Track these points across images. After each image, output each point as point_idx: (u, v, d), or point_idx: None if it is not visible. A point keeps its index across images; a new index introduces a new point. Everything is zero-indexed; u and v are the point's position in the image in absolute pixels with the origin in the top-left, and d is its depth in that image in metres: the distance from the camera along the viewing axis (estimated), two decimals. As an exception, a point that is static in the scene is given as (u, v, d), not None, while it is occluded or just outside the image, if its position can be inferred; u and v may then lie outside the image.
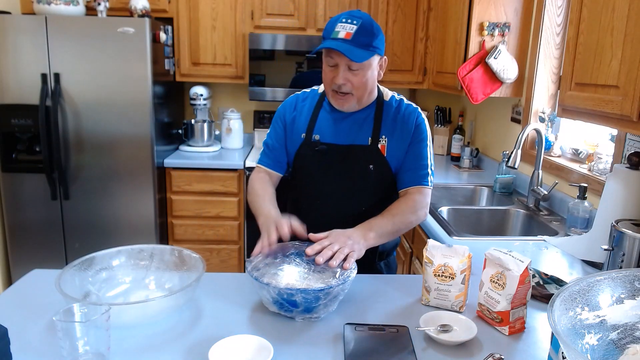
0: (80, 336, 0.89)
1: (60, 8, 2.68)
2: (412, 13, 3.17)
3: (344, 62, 1.32)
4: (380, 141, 1.44)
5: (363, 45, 1.31)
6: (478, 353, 1.02)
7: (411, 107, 1.49)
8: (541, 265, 1.56)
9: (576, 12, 1.51)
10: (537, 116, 2.48)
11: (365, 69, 1.35)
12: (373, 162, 1.44)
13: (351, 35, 1.30)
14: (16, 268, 2.89)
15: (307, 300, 1.07)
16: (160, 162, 2.95)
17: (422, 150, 1.46)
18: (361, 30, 1.30)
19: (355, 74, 1.35)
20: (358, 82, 1.36)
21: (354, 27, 1.30)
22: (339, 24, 1.32)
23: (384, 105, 1.47)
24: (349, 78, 1.35)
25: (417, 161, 1.46)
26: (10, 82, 2.66)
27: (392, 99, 1.50)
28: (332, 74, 1.36)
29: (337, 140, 1.45)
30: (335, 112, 1.47)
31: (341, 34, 1.30)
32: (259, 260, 1.22)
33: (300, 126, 1.50)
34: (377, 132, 1.44)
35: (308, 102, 1.53)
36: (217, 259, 3.15)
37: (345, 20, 1.32)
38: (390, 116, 1.46)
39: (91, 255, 1.21)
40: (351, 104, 1.41)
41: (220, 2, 3.08)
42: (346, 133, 1.45)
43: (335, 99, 1.41)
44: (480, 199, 2.63)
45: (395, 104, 1.48)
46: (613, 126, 1.39)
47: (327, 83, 1.40)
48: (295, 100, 1.56)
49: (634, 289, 0.82)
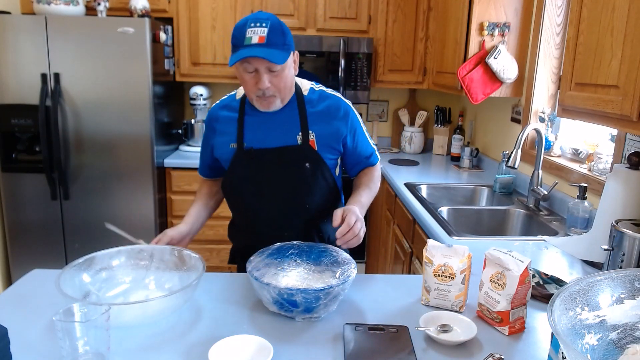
0: (80, 336, 0.89)
1: (60, 8, 2.68)
2: (412, 13, 3.17)
3: (263, 66, 1.29)
4: (309, 136, 1.43)
5: (279, 45, 1.28)
6: (478, 353, 1.02)
7: (333, 97, 1.48)
8: (541, 265, 1.56)
9: (576, 12, 1.51)
10: (537, 116, 2.48)
11: (284, 68, 1.33)
12: (308, 159, 1.43)
13: (264, 38, 1.26)
14: (16, 268, 2.89)
15: (308, 300, 1.07)
16: (160, 162, 2.95)
17: (361, 137, 1.52)
18: (273, 31, 1.27)
19: (277, 75, 1.32)
20: (280, 82, 1.34)
21: (264, 29, 1.26)
22: (248, 30, 1.27)
23: (304, 100, 1.45)
24: (271, 81, 1.33)
25: (362, 151, 1.53)
26: (10, 82, 2.66)
27: (311, 91, 1.48)
28: (254, 80, 1.32)
29: (268, 144, 1.43)
30: (260, 115, 1.44)
31: (254, 39, 1.26)
32: (259, 260, 1.22)
33: (228, 136, 1.47)
34: (304, 128, 1.43)
35: (228, 112, 1.49)
36: (217, 259, 3.15)
37: (254, 24, 1.27)
38: (313, 109, 1.45)
39: (91, 255, 1.21)
40: (277, 104, 1.39)
41: (220, 2, 3.08)
42: (275, 135, 1.43)
43: (260, 103, 1.38)
44: (480, 199, 2.63)
45: (315, 97, 1.47)
46: (613, 126, 1.39)
47: (249, 90, 1.36)
48: (215, 113, 1.52)
49: (634, 289, 0.82)
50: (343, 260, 1.22)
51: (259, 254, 1.24)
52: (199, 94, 3.29)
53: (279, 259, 1.25)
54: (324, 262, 1.25)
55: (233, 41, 1.31)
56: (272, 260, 1.24)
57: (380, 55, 3.22)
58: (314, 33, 3.16)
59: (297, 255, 1.27)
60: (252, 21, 1.28)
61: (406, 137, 3.54)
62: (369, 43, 3.12)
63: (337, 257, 1.25)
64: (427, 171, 3.02)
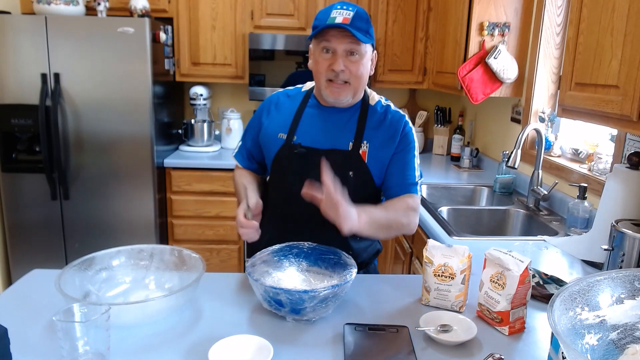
0: (80, 336, 0.89)
1: (60, 8, 2.68)
2: (412, 13, 3.17)
3: (342, 47, 1.27)
4: (361, 146, 1.37)
5: (362, 30, 1.26)
6: (478, 353, 1.02)
7: (398, 115, 1.42)
8: (541, 265, 1.56)
9: (576, 12, 1.51)
10: (537, 116, 2.48)
11: (363, 57, 1.30)
12: (353, 168, 1.36)
13: (349, 20, 1.24)
14: (16, 268, 2.89)
15: (292, 301, 1.05)
16: (160, 162, 2.95)
17: (410, 160, 1.40)
18: (358, 17, 1.26)
19: (354, 61, 1.29)
20: (356, 70, 1.30)
21: (350, 13, 1.25)
22: (334, 10, 1.27)
23: (368, 109, 1.41)
24: (347, 65, 1.29)
25: (404, 171, 1.39)
26: (10, 82, 2.66)
27: (379, 104, 1.43)
28: (329, 61, 1.29)
29: (317, 144, 1.38)
30: (320, 109, 1.40)
31: (338, 19, 1.24)
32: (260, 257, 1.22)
33: (279, 126, 1.43)
34: (359, 136, 1.37)
35: (290, 102, 1.46)
36: (217, 259, 3.15)
37: (340, 7, 1.27)
38: (374, 121, 1.40)
39: (91, 255, 1.21)
40: (347, 95, 1.34)
41: (220, 2, 3.08)
42: (327, 135, 1.38)
43: (330, 89, 1.32)
44: (480, 199, 2.63)
45: (381, 110, 1.42)
46: (613, 126, 1.39)
47: (321, 72, 1.31)
48: (277, 98, 1.49)
49: (634, 289, 0.82)
50: (344, 265, 1.20)
51: (262, 251, 1.24)
52: (199, 94, 3.28)
53: (278, 258, 1.25)
54: (324, 265, 1.24)
55: (315, 22, 1.29)
56: (271, 259, 1.24)
57: (380, 55, 3.22)
58: (314, 33, 3.15)
59: (298, 255, 1.27)
60: (338, 5, 1.28)
61: (406, 137, 3.54)
62: (369, 43, 3.12)
63: (339, 261, 1.23)
64: (427, 171, 3.02)
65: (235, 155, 1.57)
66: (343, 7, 1.27)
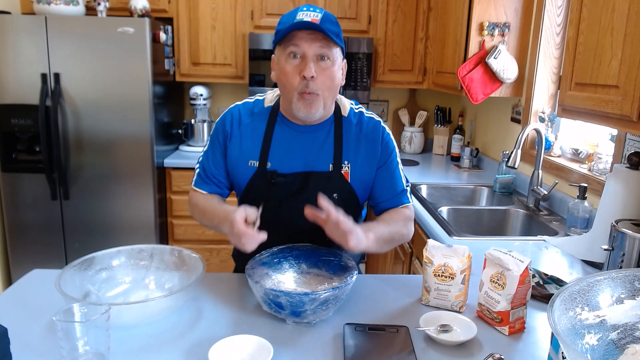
0: (80, 336, 0.89)
1: (60, 8, 2.68)
2: (412, 13, 3.17)
3: (312, 50, 1.16)
4: (342, 167, 1.29)
5: (333, 33, 1.16)
6: (478, 353, 1.02)
7: (373, 121, 1.34)
8: (541, 265, 1.56)
9: (576, 12, 1.51)
10: (537, 116, 2.48)
11: (334, 64, 1.20)
12: (337, 190, 1.29)
13: (318, 20, 1.14)
14: (16, 268, 2.89)
15: (292, 304, 1.04)
16: (160, 162, 2.95)
17: (395, 170, 1.35)
18: (327, 18, 1.16)
19: (325, 67, 1.18)
20: (327, 80, 1.19)
21: (318, 14, 1.15)
22: (299, 12, 1.16)
23: (342, 122, 1.31)
24: (318, 73, 1.17)
25: (392, 183, 1.34)
26: (10, 82, 2.66)
27: (351, 112, 1.34)
28: (299, 67, 1.17)
29: (294, 168, 1.28)
30: (292, 128, 1.29)
31: (306, 19, 1.14)
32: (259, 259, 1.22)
33: (248, 152, 1.30)
34: (338, 156, 1.29)
35: (255, 121, 1.32)
36: (217, 259, 3.15)
37: (307, 9, 1.16)
38: (352, 135, 1.31)
39: (91, 255, 1.20)
40: (319, 108, 1.21)
41: (220, 2, 3.08)
42: (304, 158, 1.29)
43: (302, 101, 1.20)
44: (480, 199, 2.63)
45: (355, 119, 1.33)
46: (613, 126, 1.39)
47: (290, 83, 1.19)
48: (239, 117, 1.33)
49: (634, 289, 0.82)
50: (344, 268, 1.20)
51: (260, 253, 1.24)
52: (199, 94, 3.28)
53: (277, 260, 1.25)
54: (324, 267, 1.24)
55: (278, 27, 1.19)
56: (271, 260, 1.24)
57: (380, 55, 3.23)
58: (314, 33, 3.15)
59: (298, 257, 1.27)
60: (304, 7, 1.18)
61: (406, 137, 3.54)
62: (369, 43, 3.12)
63: (340, 263, 1.23)
64: (427, 171, 3.02)
65: (196, 184, 1.37)
66: (310, 9, 1.17)
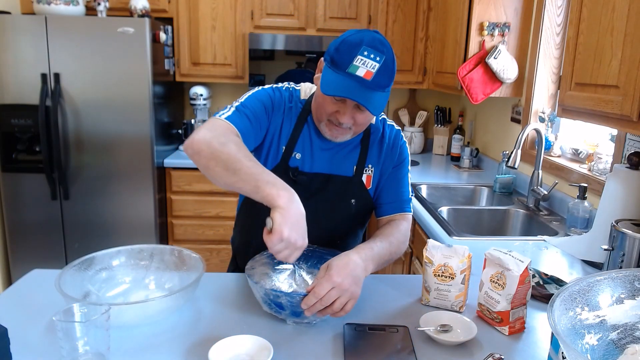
0: (80, 336, 0.89)
1: (60, 8, 2.68)
2: (412, 13, 3.17)
3: (354, 102, 1.13)
4: (365, 171, 1.30)
5: (382, 87, 1.10)
6: (478, 353, 1.02)
7: (394, 130, 1.36)
8: (541, 265, 1.56)
9: (576, 12, 1.51)
10: (537, 116, 2.48)
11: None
12: (355, 196, 1.29)
13: (372, 75, 1.07)
14: (16, 268, 2.89)
15: (292, 304, 1.04)
16: (160, 162, 2.95)
17: (404, 176, 1.36)
18: (383, 70, 1.09)
19: (363, 111, 1.15)
20: (362, 120, 1.18)
21: (376, 65, 1.08)
22: (359, 57, 1.08)
23: (371, 129, 1.32)
24: (354, 116, 1.16)
25: (399, 187, 1.35)
26: (10, 82, 2.66)
27: (377, 119, 1.34)
28: (335, 107, 1.15)
29: (317, 168, 1.28)
30: (319, 137, 1.28)
31: (360, 70, 1.07)
32: (259, 259, 1.22)
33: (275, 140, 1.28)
34: (362, 161, 1.30)
35: (289, 112, 1.29)
36: (217, 259, 3.15)
37: (368, 54, 1.08)
38: (376, 141, 1.32)
39: (91, 255, 1.20)
40: (346, 137, 1.23)
41: (220, 2, 3.08)
42: (329, 159, 1.29)
43: (329, 129, 1.20)
44: (480, 199, 2.63)
45: (380, 126, 1.34)
46: (613, 126, 1.39)
47: (324, 113, 1.18)
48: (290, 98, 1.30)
49: (634, 289, 0.82)
50: None
51: (261, 254, 1.24)
52: (199, 94, 3.29)
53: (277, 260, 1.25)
54: None
55: (336, 55, 1.10)
56: (270, 261, 1.24)
57: (380, 55, 3.22)
58: (314, 33, 3.16)
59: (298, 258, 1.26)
60: (367, 48, 1.08)
61: (406, 137, 3.52)
62: (369, 43, 3.12)
63: None
64: (427, 171, 3.02)
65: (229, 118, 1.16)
66: (370, 55, 1.08)
